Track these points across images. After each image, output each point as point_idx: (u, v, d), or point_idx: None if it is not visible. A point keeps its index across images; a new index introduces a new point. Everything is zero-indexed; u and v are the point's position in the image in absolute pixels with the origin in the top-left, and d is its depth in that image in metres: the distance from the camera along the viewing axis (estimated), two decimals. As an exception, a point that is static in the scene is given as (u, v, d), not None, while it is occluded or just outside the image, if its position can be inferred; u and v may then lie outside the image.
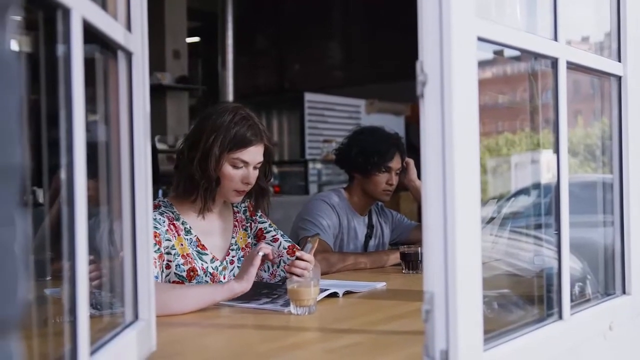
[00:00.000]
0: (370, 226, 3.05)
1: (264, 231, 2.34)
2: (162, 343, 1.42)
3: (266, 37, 9.91)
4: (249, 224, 2.34)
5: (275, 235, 2.33)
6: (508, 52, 1.51)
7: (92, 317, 1.05)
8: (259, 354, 1.48)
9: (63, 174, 0.97)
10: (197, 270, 2.12)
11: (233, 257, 2.26)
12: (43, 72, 1.01)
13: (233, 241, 2.27)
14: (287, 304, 1.86)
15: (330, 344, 1.56)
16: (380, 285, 2.28)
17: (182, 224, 2.16)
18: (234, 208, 2.33)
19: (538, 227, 1.84)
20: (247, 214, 2.35)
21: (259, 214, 2.36)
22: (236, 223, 2.31)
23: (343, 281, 2.21)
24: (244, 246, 2.30)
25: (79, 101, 0.98)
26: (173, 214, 2.15)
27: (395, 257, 2.75)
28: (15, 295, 0.55)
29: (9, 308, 0.55)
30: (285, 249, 2.28)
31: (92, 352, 1.06)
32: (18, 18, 0.61)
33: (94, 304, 1.30)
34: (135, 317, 1.33)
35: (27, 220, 0.59)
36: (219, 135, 2.09)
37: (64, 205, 0.97)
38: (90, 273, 1.40)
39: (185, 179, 2.14)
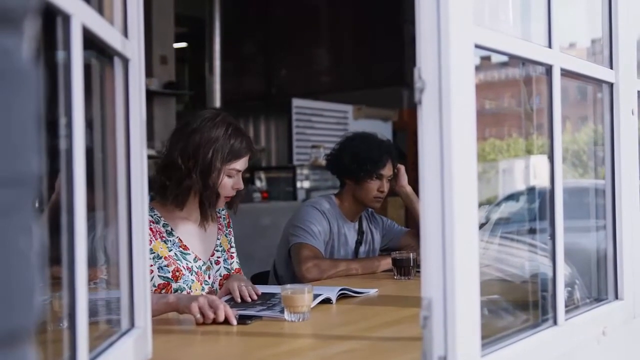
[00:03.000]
0: (360, 232, 3.05)
1: (230, 244, 2.43)
2: (157, 351, 1.41)
3: (253, 42, 9.90)
4: (227, 231, 2.42)
5: (233, 253, 2.42)
6: (495, 58, 1.52)
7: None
8: (254, 361, 1.48)
9: (62, 180, 0.97)
10: (181, 270, 2.15)
11: (218, 257, 2.31)
12: (41, 77, 1.00)
13: (218, 242, 2.34)
14: (284, 311, 1.85)
15: (326, 350, 1.56)
16: (373, 291, 2.28)
17: (164, 226, 2.20)
18: (216, 213, 2.39)
19: (529, 232, 1.85)
20: (226, 222, 2.42)
21: (231, 226, 2.45)
22: (220, 227, 2.37)
23: (335, 287, 2.20)
24: (227, 249, 2.37)
25: (79, 107, 0.98)
26: (153, 217, 2.18)
27: (386, 263, 2.75)
28: (32, 304, 0.55)
29: (27, 316, 0.55)
30: (233, 270, 2.36)
31: (90, 360, 1.05)
32: (35, 27, 0.61)
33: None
34: (132, 324, 1.32)
35: (42, 228, 0.59)
36: (217, 149, 2.16)
37: (63, 212, 0.97)
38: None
39: (183, 190, 2.18)
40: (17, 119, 0.56)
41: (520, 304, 1.67)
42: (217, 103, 8.35)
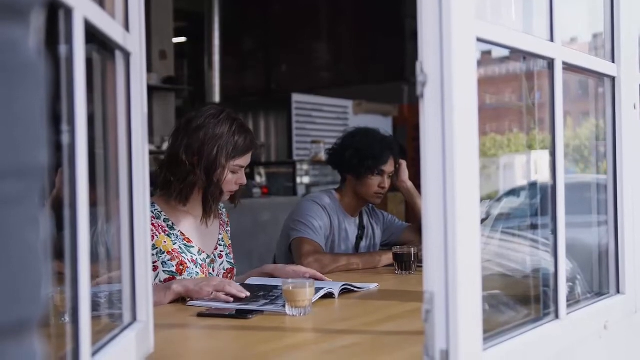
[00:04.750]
0: (361, 227, 3.05)
1: (229, 241, 2.45)
2: (159, 345, 1.41)
3: (253, 37, 9.90)
4: (227, 229, 2.44)
5: (229, 251, 2.42)
6: (496, 53, 1.52)
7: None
8: (256, 355, 1.48)
9: (65, 175, 0.96)
10: (186, 263, 2.18)
11: (221, 252, 2.34)
12: (48, 70, 1.00)
13: (220, 237, 2.36)
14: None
15: (328, 344, 1.56)
16: (374, 286, 2.28)
17: (164, 221, 2.21)
18: (218, 209, 2.42)
19: (530, 228, 1.85)
20: (226, 219, 2.45)
21: (229, 225, 2.47)
22: (221, 223, 2.39)
23: (337, 282, 2.20)
24: (228, 244, 2.39)
25: (81, 101, 0.98)
26: (153, 212, 2.18)
27: (387, 258, 2.75)
28: (40, 295, 0.55)
29: (34, 307, 0.55)
30: (225, 270, 2.35)
31: (93, 354, 1.05)
32: (42, 19, 0.61)
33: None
34: (134, 318, 1.32)
35: (49, 221, 0.59)
36: (222, 145, 2.17)
37: (66, 207, 0.96)
38: None
39: (187, 185, 2.19)
40: (24, 111, 0.56)
41: (521, 298, 1.67)
42: (217, 98, 8.35)
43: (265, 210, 5.89)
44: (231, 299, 1.96)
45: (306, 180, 7.22)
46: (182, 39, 9.70)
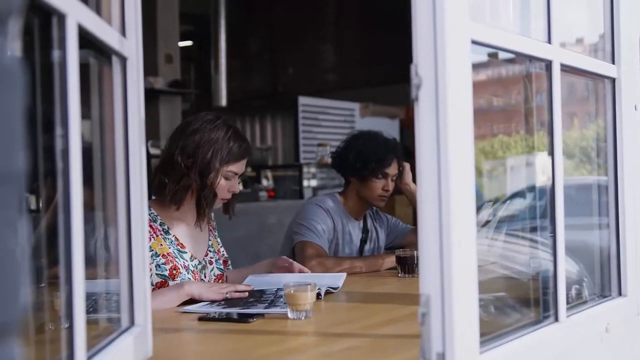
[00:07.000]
0: (365, 230, 3.05)
1: (219, 245, 2.47)
2: (157, 349, 1.41)
3: (259, 40, 9.90)
4: (216, 233, 2.46)
5: (224, 252, 2.46)
6: (502, 55, 1.52)
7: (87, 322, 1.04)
8: (255, 359, 1.48)
9: (59, 180, 0.97)
10: (179, 268, 2.20)
11: (211, 258, 2.37)
12: (38, 77, 1.01)
13: (210, 243, 2.39)
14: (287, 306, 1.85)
15: (327, 347, 1.56)
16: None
17: (160, 225, 2.23)
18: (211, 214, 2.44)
19: (534, 230, 1.84)
20: (214, 224, 2.47)
21: (216, 230, 2.48)
22: (211, 229, 2.42)
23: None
24: (217, 250, 2.42)
25: (75, 107, 0.98)
26: (150, 215, 2.19)
27: (390, 261, 2.75)
28: (17, 300, 0.55)
29: (11, 312, 0.55)
30: (215, 276, 2.37)
31: (89, 358, 1.05)
32: (20, 24, 0.61)
33: (89, 309, 1.30)
34: (132, 322, 1.33)
35: (28, 225, 0.59)
36: (217, 149, 2.20)
37: (60, 212, 0.97)
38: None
39: (181, 188, 2.21)
40: (2, 117, 0.56)
41: (522, 301, 1.67)
42: (223, 101, 8.35)
43: (271, 213, 5.89)
44: (246, 294, 2.08)
45: (313, 183, 7.21)
46: (188, 43, 9.71)
